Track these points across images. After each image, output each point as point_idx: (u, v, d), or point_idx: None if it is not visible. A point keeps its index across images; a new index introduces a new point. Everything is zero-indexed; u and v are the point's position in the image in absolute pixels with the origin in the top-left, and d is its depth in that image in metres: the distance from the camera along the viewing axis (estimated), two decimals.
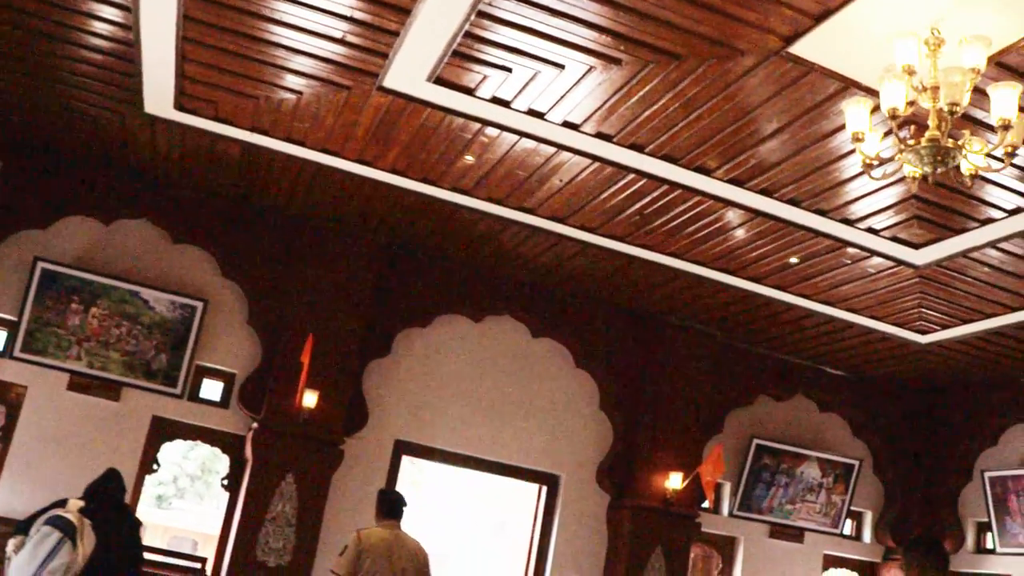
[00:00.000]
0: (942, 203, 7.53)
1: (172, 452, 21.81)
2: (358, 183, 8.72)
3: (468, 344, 10.74)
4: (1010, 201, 7.36)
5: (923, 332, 10.42)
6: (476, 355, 10.75)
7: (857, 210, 7.84)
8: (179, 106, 7.83)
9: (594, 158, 7.58)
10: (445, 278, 10.55)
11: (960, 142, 5.08)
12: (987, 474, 11.57)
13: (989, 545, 11.76)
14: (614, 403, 11.12)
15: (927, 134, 5.08)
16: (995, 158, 5.30)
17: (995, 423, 11.84)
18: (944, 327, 10.17)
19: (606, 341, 11.16)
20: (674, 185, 7.81)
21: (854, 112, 5.25)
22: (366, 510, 9.61)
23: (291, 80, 7.13)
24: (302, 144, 8.17)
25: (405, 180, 8.53)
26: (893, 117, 5.03)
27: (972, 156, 5.18)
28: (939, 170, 5.12)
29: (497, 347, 10.85)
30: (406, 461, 11.06)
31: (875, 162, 5.34)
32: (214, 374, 9.85)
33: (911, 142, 5.14)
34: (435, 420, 10.43)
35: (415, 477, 19.63)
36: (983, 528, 11.95)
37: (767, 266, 9.23)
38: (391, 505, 7.44)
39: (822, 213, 7.96)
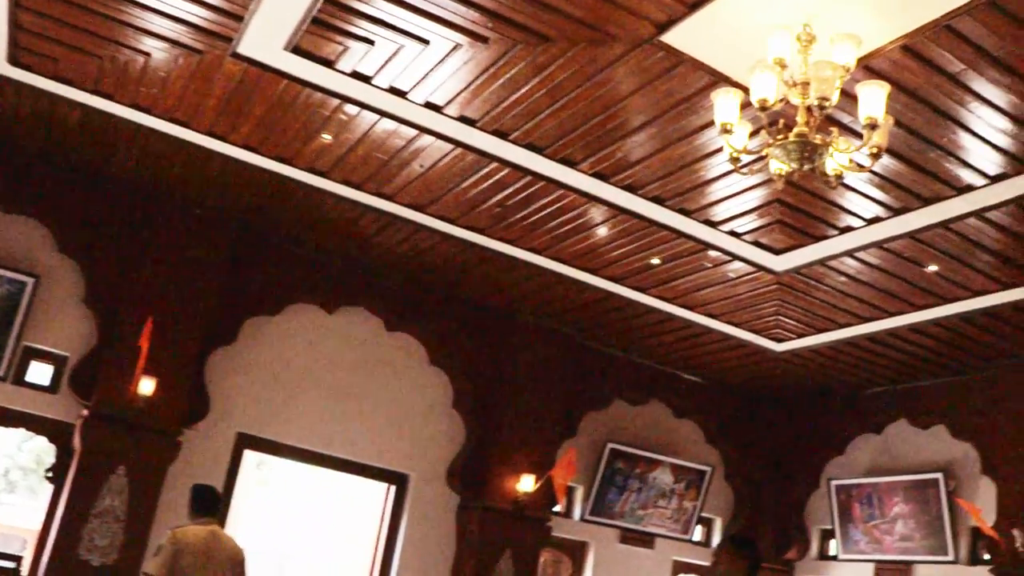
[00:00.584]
0: (804, 208, 7.51)
1: (4, 443, 20.61)
2: (208, 157, 8.20)
3: (320, 335, 10.30)
4: (869, 210, 7.38)
5: (779, 340, 10.47)
6: (327, 347, 10.32)
7: (720, 212, 7.75)
8: (13, 60, 7.19)
9: (456, 143, 7.29)
10: (298, 265, 10.08)
11: (828, 139, 4.97)
12: (833, 482, 11.73)
13: (832, 552, 11.94)
14: (467, 402, 10.83)
15: (795, 129, 4.97)
16: (860, 167, 5.25)
17: (842, 432, 12.03)
18: (799, 335, 10.24)
19: (462, 338, 10.87)
20: (537, 176, 7.58)
21: (724, 103, 5.09)
22: None
23: (138, 39, 6.61)
24: (149, 112, 7.63)
25: (258, 157, 8.07)
26: (763, 109, 4.89)
27: (838, 155, 5.09)
28: (805, 167, 5.00)
29: (350, 340, 10.44)
30: (251, 457, 10.57)
31: (742, 155, 5.18)
32: (43, 356, 9.12)
33: (779, 138, 5.01)
34: (281, 414, 9.95)
35: (264, 475, 19.01)
36: (827, 535, 12.13)
37: (628, 266, 9.09)
38: (207, 501, 7.01)
39: (686, 213, 7.85)
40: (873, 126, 4.84)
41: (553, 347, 11.11)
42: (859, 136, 5.11)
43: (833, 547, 11.88)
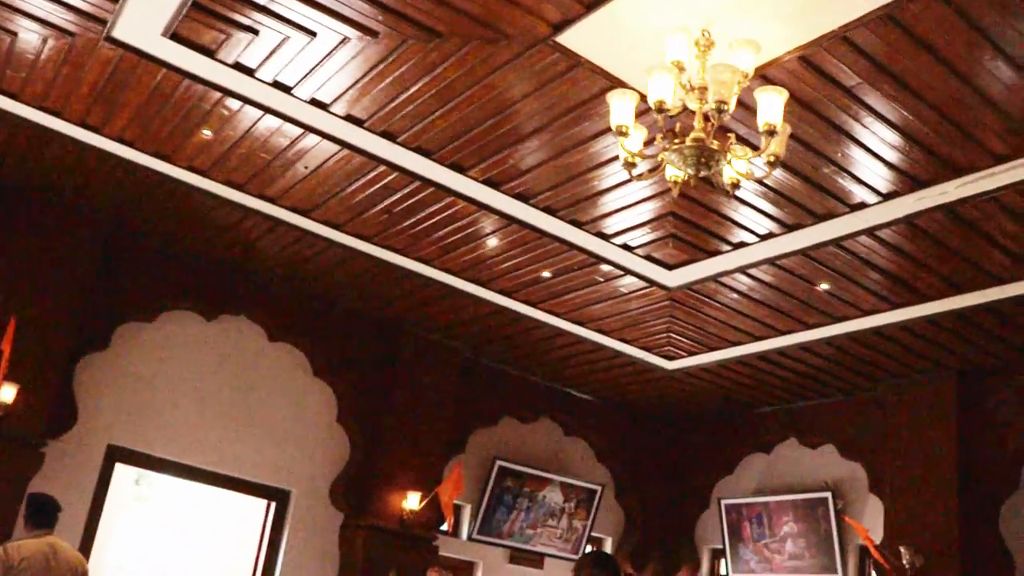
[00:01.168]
0: (698, 223, 7.40)
1: None
2: (80, 150, 7.72)
3: (198, 344, 9.82)
4: (763, 225, 7.30)
5: (670, 358, 10.38)
6: (206, 357, 9.85)
7: (614, 224, 7.59)
8: None
9: (342, 144, 6.99)
10: (175, 269, 9.61)
11: (725, 145, 4.83)
12: (724, 501, 11.69)
13: (723, 571, 11.89)
14: (353, 416, 10.46)
15: (692, 134, 4.81)
16: (757, 180, 5.13)
17: (732, 452, 12.02)
18: (691, 353, 10.17)
19: (347, 350, 10.51)
20: (426, 182, 7.32)
21: (619, 104, 4.92)
22: (66, 521, 8.61)
23: (5, 17, 6.13)
24: (16, 97, 7.10)
25: (134, 152, 7.61)
26: (660, 111, 4.73)
27: (736, 162, 4.95)
28: (702, 173, 4.86)
29: (230, 349, 9.99)
30: (127, 472, 10.03)
31: (636, 159, 5.01)
32: None
33: (676, 142, 4.85)
34: (156, 426, 9.44)
35: (144, 491, 18.23)
36: (718, 554, 12.08)
37: (519, 279, 8.88)
38: (43, 511, 6.56)
39: (578, 225, 7.67)
40: (771, 132, 4.72)
41: (442, 362, 10.83)
42: (755, 147, 4.99)
43: (723, 566, 11.83)
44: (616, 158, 6.52)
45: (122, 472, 9.76)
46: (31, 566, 6.16)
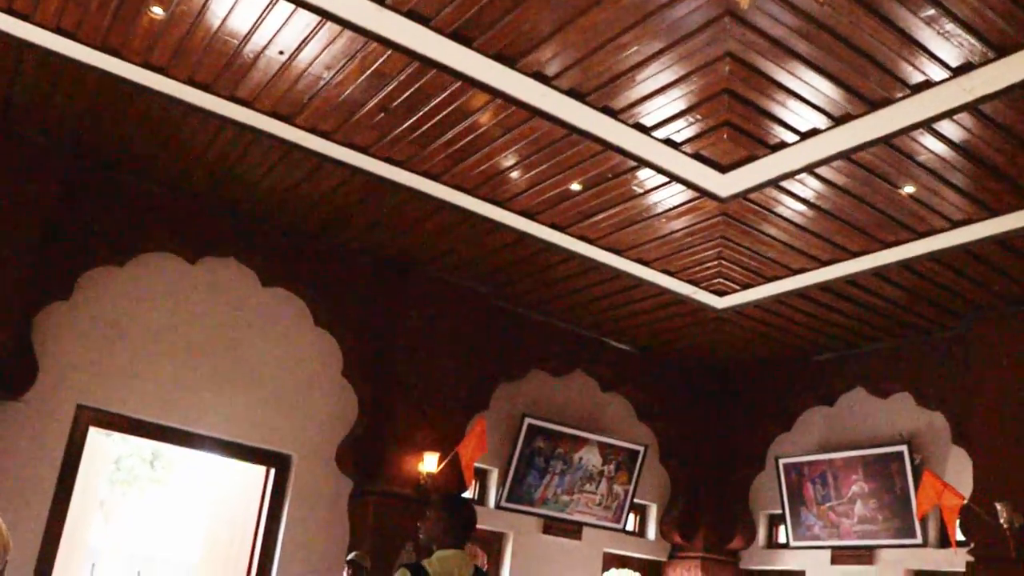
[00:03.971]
0: (758, 102, 6.01)
1: None
2: (14, 49, 6.49)
3: (179, 290, 8.58)
4: (838, 102, 5.92)
5: (720, 293, 9.03)
6: (190, 305, 8.62)
7: (655, 110, 6.23)
8: None
9: (322, 13, 5.70)
10: (150, 204, 8.38)
11: None
12: (781, 461, 10.36)
13: (782, 539, 10.56)
14: (360, 370, 9.22)
15: None
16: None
17: (790, 405, 10.70)
18: (744, 286, 8.81)
19: (352, 294, 9.26)
20: (426, 62, 5.99)
21: None
22: (33, 497, 7.49)
23: None
24: None
25: (78, 47, 6.37)
26: None
27: None
28: None
29: (217, 296, 8.75)
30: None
31: None
32: None
33: None
34: (131, 384, 8.23)
35: (160, 474, 17.14)
36: (776, 520, 10.76)
37: (542, 195, 7.57)
38: None
39: (612, 114, 6.33)
40: None
41: (459, 305, 9.55)
42: None
43: (783, 534, 10.49)
44: (656, 12, 5.21)
45: (127, 447, 8.61)
46: None
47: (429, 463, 8.94)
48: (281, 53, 6.16)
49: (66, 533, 8.01)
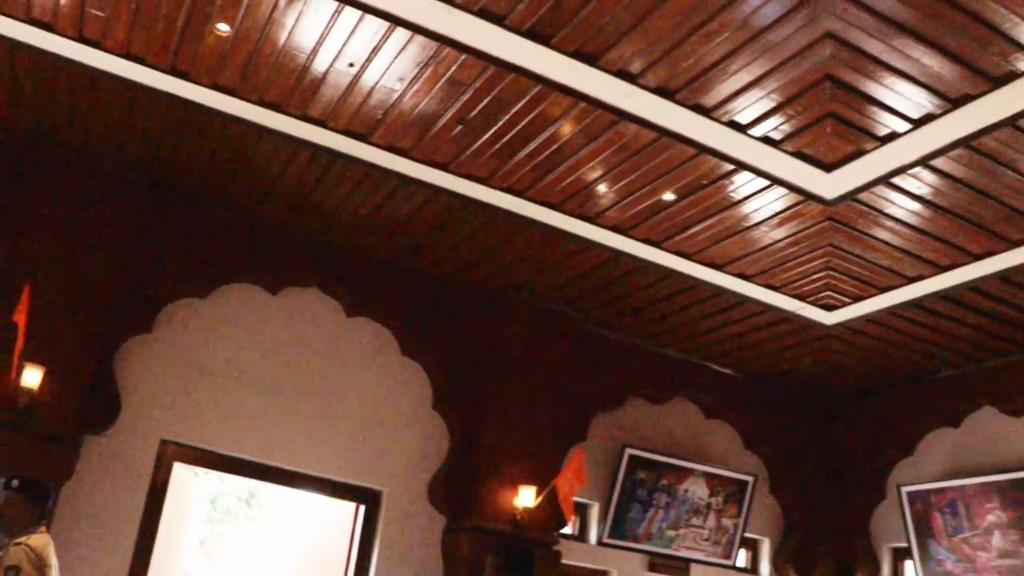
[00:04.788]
0: (863, 89, 5.48)
1: None
2: (89, 79, 6.39)
3: (262, 322, 8.34)
4: (953, 84, 5.36)
5: (829, 308, 8.42)
6: (273, 337, 8.36)
7: (750, 104, 5.73)
8: None
9: (391, 19, 5.39)
10: (229, 234, 8.20)
11: None
12: (904, 489, 9.60)
13: (909, 574, 9.77)
14: (450, 401, 8.84)
15: None
16: None
17: (911, 428, 9.93)
18: (855, 299, 8.19)
19: (439, 322, 8.91)
20: (502, 66, 5.64)
21: None
22: (118, 532, 7.26)
23: None
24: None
25: (146, 71, 6.20)
26: None
27: None
28: None
29: (301, 327, 8.49)
30: (190, 474, 8.64)
31: None
32: None
33: None
34: (215, 418, 7.98)
35: (255, 512, 17.06)
36: (902, 554, 9.96)
37: (634, 207, 7.12)
38: (47, 498, 5.55)
39: (704, 112, 5.87)
40: None
41: (550, 331, 9.12)
42: None
43: (910, 569, 9.71)
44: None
45: (224, 486, 8.37)
46: (55, 564, 4.88)
47: (525, 497, 8.50)
48: (351, 65, 5.88)
49: (157, 571, 7.79)
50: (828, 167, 6.27)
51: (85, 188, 7.47)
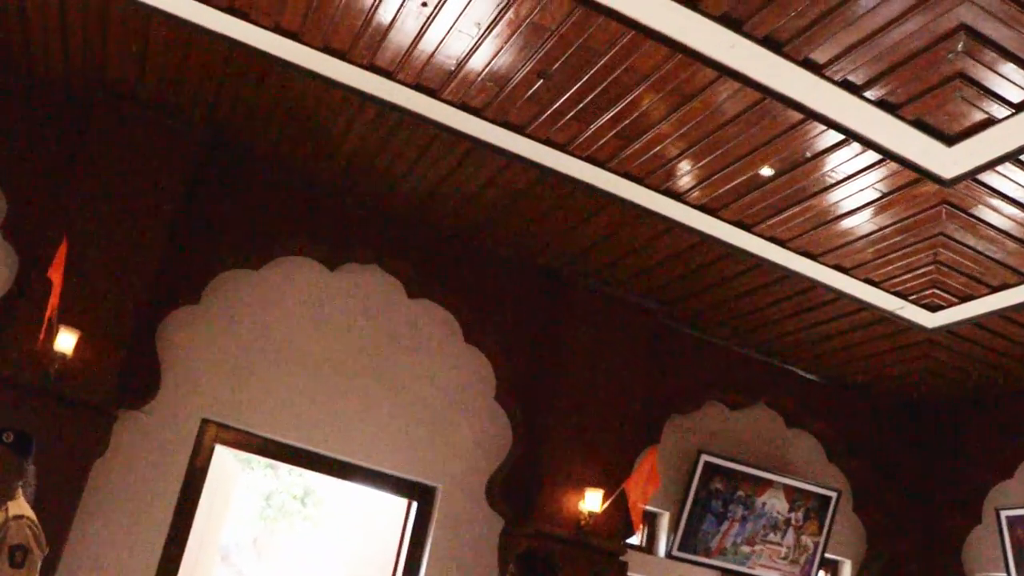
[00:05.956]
0: (1001, 41, 4.79)
1: None
2: (142, 16, 5.94)
3: (317, 299, 7.83)
4: None
5: (933, 308, 7.66)
6: (328, 315, 7.84)
7: (867, 59, 5.06)
8: None
9: None
10: (287, 204, 7.70)
11: None
12: (1003, 513, 8.78)
13: None
14: (515, 393, 8.23)
15: None
16: None
17: (1012, 448, 9.10)
18: (962, 298, 7.42)
19: (506, 308, 8.31)
20: (590, 6, 5.04)
21: None
22: (150, 515, 6.77)
23: None
24: None
25: (203, 8, 5.71)
26: None
27: None
28: None
29: (358, 306, 7.95)
30: (230, 460, 8.14)
31: None
32: None
33: None
34: (260, 400, 7.45)
35: (310, 511, 16.52)
36: None
37: (727, 183, 6.46)
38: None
39: (815, 68, 5.20)
40: None
41: (625, 324, 8.46)
42: None
43: None
44: None
45: (278, 483, 7.97)
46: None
47: (591, 501, 7.86)
48: (424, 5, 5.32)
49: (196, 562, 7.30)
50: (950, 139, 5.55)
51: (138, 139, 7.01)
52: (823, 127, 5.63)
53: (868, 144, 5.70)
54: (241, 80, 6.43)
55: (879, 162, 5.88)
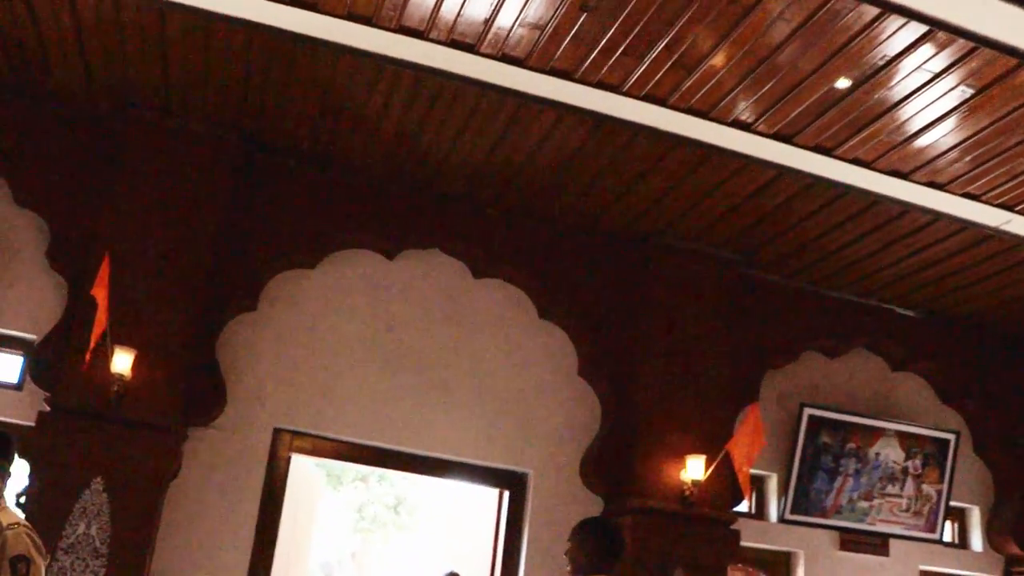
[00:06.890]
0: None
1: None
2: (157, 18, 5.62)
3: (380, 291, 7.48)
4: None
5: None
6: (393, 307, 7.49)
7: None
8: None
9: None
10: (335, 195, 7.34)
11: None
12: None
13: None
14: (598, 366, 7.76)
15: None
16: None
17: None
18: None
19: (580, 279, 7.85)
20: None
21: None
22: (231, 534, 6.43)
23: None
24: None
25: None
26: None
27: None
28: None
29: (423, 294, 7.59)
30: (310, 468, 7.80)
31: None
32: (3, 342, 6.71)
33: None
34: (330, 402, 7.16)
35: (403, 520, 16.19)
36: None
37: (800, 103, 5.89)
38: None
39: None
40: None
41: (707, 279, 7.98)
42: None
43: None
44: None
45: (369, 494, 7.69)
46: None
47: (694, 469, 7.36)
48: None
49: None
50: None
51: (172, 150, 6.73)
52: (902, 20, 5.05)
53: (956, 32, 5.11)
54: (267, 68, 6.06)
55: (971, 52, 5.28)
